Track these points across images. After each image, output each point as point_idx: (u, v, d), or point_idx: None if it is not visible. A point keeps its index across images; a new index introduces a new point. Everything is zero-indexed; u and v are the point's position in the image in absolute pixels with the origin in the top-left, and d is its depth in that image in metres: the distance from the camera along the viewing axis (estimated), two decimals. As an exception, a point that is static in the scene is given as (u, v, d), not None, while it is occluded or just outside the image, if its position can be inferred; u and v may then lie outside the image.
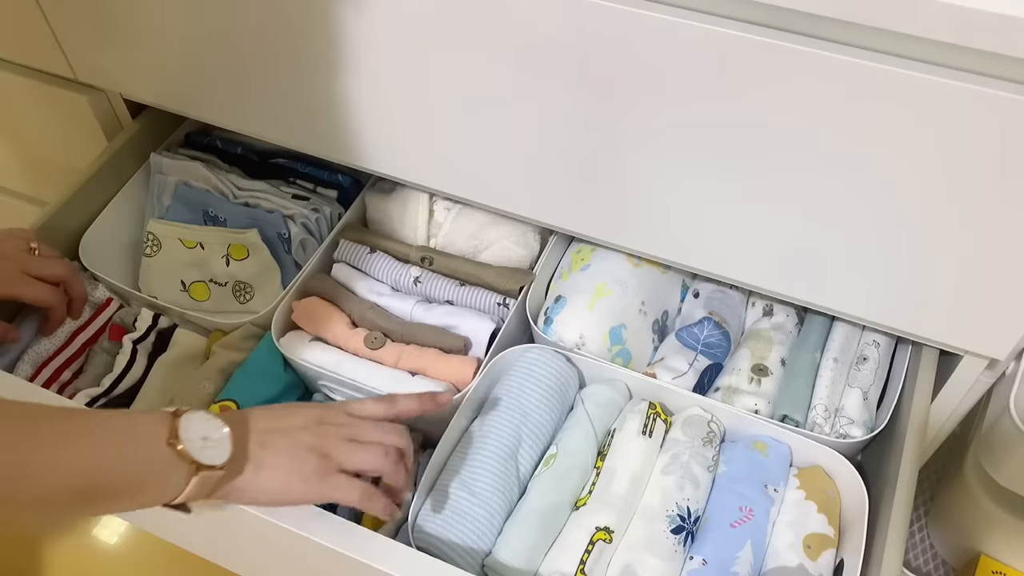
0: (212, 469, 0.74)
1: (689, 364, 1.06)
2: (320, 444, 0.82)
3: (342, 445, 0.83)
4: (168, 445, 0.73)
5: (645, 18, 0.79)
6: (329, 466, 0.81)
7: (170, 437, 0.74)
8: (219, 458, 0.75)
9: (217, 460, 0.75)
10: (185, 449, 0.73)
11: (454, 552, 0.89)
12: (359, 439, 0.84)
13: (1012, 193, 0.77)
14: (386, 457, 0.84)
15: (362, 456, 0.83)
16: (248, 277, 1.21)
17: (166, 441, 0.73)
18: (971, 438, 1.10)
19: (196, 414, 0.76)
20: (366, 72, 0.98)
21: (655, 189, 0.94)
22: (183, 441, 0.73)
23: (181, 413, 0.76)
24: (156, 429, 0.74)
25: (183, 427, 0.74)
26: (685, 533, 0.93)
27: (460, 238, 1.18)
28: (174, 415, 0.75)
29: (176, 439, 0.73)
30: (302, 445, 0.81)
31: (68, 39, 1.17)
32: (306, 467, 0.80)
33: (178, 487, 0.74)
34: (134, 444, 0.73)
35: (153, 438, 0.73)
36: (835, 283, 0.94)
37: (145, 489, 0.73)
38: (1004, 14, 0.66)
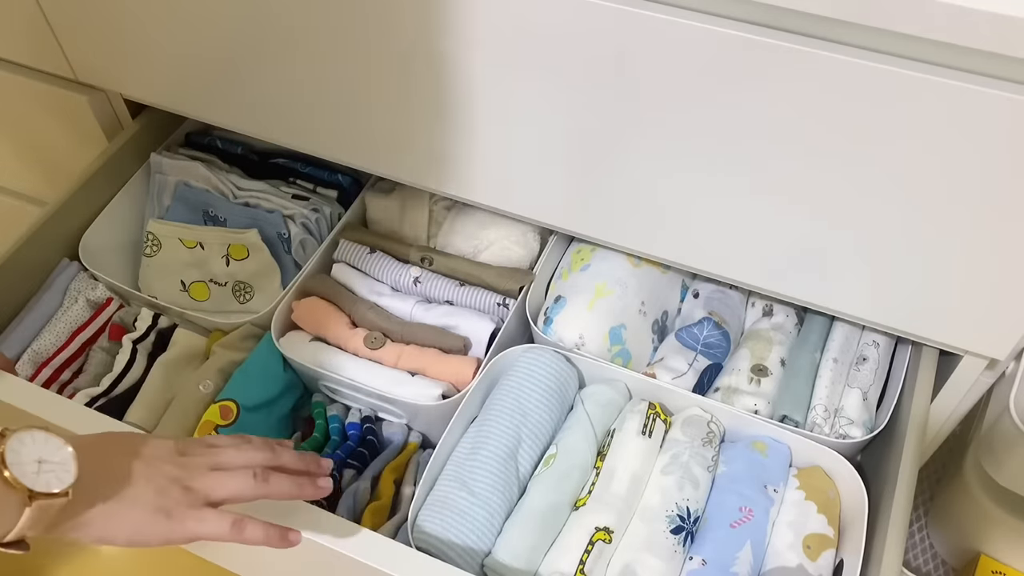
0: (50, 497, 0.63)
1: (689, 364, 1.06)
2: (183, 476, 0.72)
3: (204, 475, 0.73)
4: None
5: (645, 18, 0.79)
6: (195, 499, 0.72)
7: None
8: (60, 483, 0.64)
9: (57, 485, 0.63)
10: (13, 476, 0.62)
11: (454, 552, 0.89)
12: (223, 467, 0.75)
13: (1012, 193, 0.77)
14: (255, 479, 0.75)
15: (230, 484, 0.74)
16: (248, 277, 1.21)
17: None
18: (971, 438, 1.10)
19: (29, 433, 0.64)
20: (366, 72, 0.98)
21: (655, 189, 0.94)
22: (10, 466, 0.62)
23: (9, 433, 0.64)
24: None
25: (12, 449, 0.63)
26: (685, 533, 0.93)
27: (460, 238, 1.18)
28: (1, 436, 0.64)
29: (2, 464, 0.62)
30: (163, 477, 0.71)
31: (68, 39, 1.17)
32: (167, 501, 0.70)
33: (9, 522, 0.62)
34: None
35: None
36: (835, 283, 0.94)
37: None
38: (1004, 14, 0.66)
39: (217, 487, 0.73)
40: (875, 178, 0.82)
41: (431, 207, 1.20)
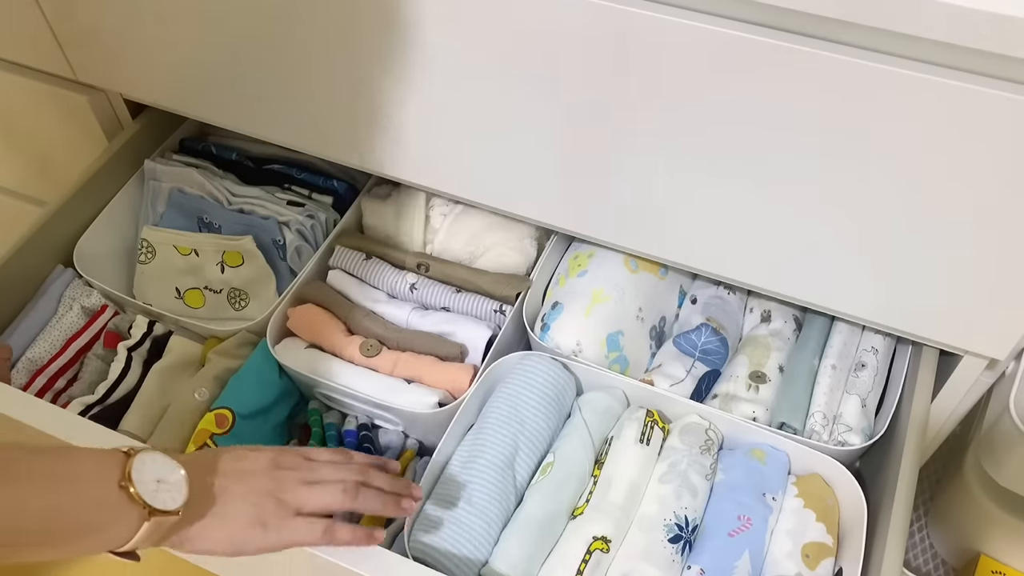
0: (166, 514, 0.69)
1: (687, 371, 1.06)
2: (277, 489, 0.78)
3: (298, 489, 0.80)
4: (120, 488, 0.68)
5: (645, 18, 0.78)
6: (287, 510, 0.78)
7: (122, 479, 0.68)
8: (174, 502, 0.70)
9: (172, 504, 0.70)
10: (138, 492, 0.68)
11: (451, 562, 0.89)
12: (315, 480, 0.81)
13: (1011, 193, 0.77)
14: (345, 494, 0.81)
15: (320, 497, 0.80)
16: (243, 284, 1.21)
17: (117, 483, 0.68)
18: (971, 438, 1.10)
19: (150, 454, 0.71)
20: (366, 71, 0.98)
21: (654, 189, 0.93)
22: (135, 484, 0.68)
23: (135, 453, 0.71)
24: (107, 470, 0.69)
25: (136, 468, 0.69)
26: (683, 542, 0.92)
27: (456, 244, 1.18)
28: (127, 454, 0.70)
29: (129, 481, 0.68)
30: (260, 491, 0.77)
31: (68, 39, 1.17)
32: (263, 514, 0.76)
33: (127, 533, 0.69)
34: (84, 486, 0.68)
35: (103, 480, 0.68)
36: (835, 283, 0.94)
37: (93, 534, 0.68)
38: (1004, 14, 0.66)
39: (309, 500, 0.79)
40: (874, 178, 0.81)
41: (427, 213, 1.19)
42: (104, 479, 0.68)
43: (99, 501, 0.67)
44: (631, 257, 1.12)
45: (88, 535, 0.68)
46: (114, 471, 0.69)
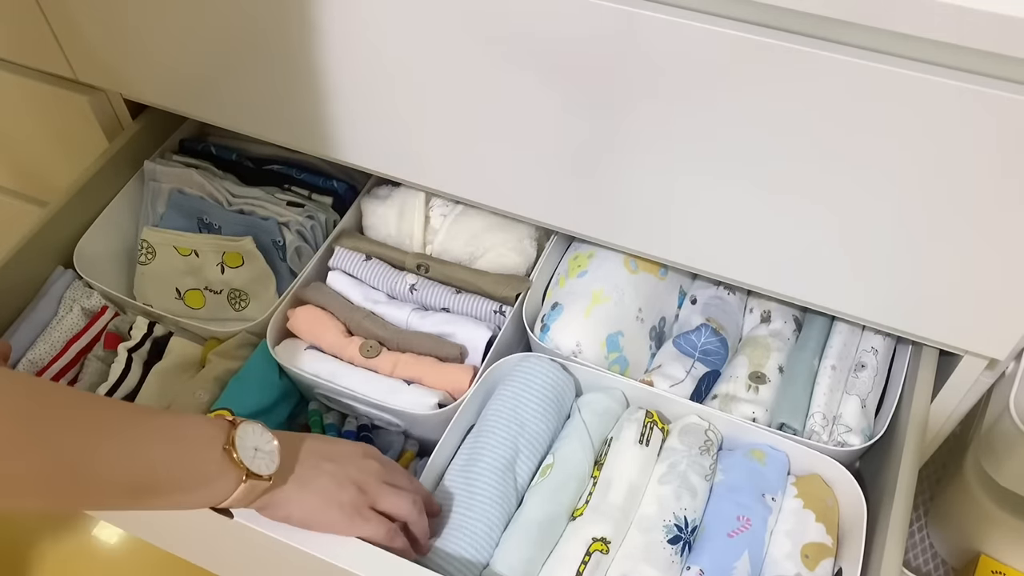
0: (260, 479, 0.78)
1: (686, 371, 1.06)
2: (361, 480, 0.85)
3: (381, 485, 0.86)
4: (223, 451, 0.77)
5: (646, 18, 0.78)
6: (365, 501, 0.84)
7: (226, 443, 0.77)
8: (267, 469, 0.79)
9: (266, 471, 0.79)
10: (239, 457, 0.77)
11: (451, 565, 0.89)
12: (395, 484, 0.88)
13: (1012, 193, 0.77)
14: (414, 506, 0.87)
15: (396, 500, 0.86)
16: (243, 285, 1.21)
17: (222, 447, 0.77)
18: (971, 438, 1.10)
19: (251, 425, 0.80)
20: (367, 71, 0.98)
21: (655, 189, 0.93)
22: (238, 449, 0.77)
23: (239, 423, 0.79)
24: (215, 434, 0.78)
25: (239, 435, 0.78)
26: (682, 543, 0.92)
27: (456, 244, 1.18)
28: (231, 423, 0.79)
29: (232, 446, 0.77)
30: (345, 476, 0.84)
31: (68, 39, 1.17)
32: (344, 497, 0.83)
33: (227, 491, 0.77)
34: (194, 445, 0.77)
35: (211, 442, 0.77)
36: (835, 283, 0.94)
37: (197, 489, 0.77)
38: (1004, 14, 0.66)
39: (386, 499, 0.86)
40: (874, 177, 0.81)
41: (427, 213, 1.19)
42: (212, 441, 0.77)
43: (206, 459, 0.76)
44: (631, 257, 1.12)
45: (193, 489, 0.76)
46: (220, 435, 0.78)
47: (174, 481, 0.75)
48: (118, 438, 0.72)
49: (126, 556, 1.56)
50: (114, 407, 0.75)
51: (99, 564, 1.55)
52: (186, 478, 0.76)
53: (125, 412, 0.75)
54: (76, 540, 1.58)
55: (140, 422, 0.74)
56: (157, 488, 0.74)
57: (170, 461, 0.74)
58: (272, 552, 0.86)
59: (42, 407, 0.69)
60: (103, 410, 0.74)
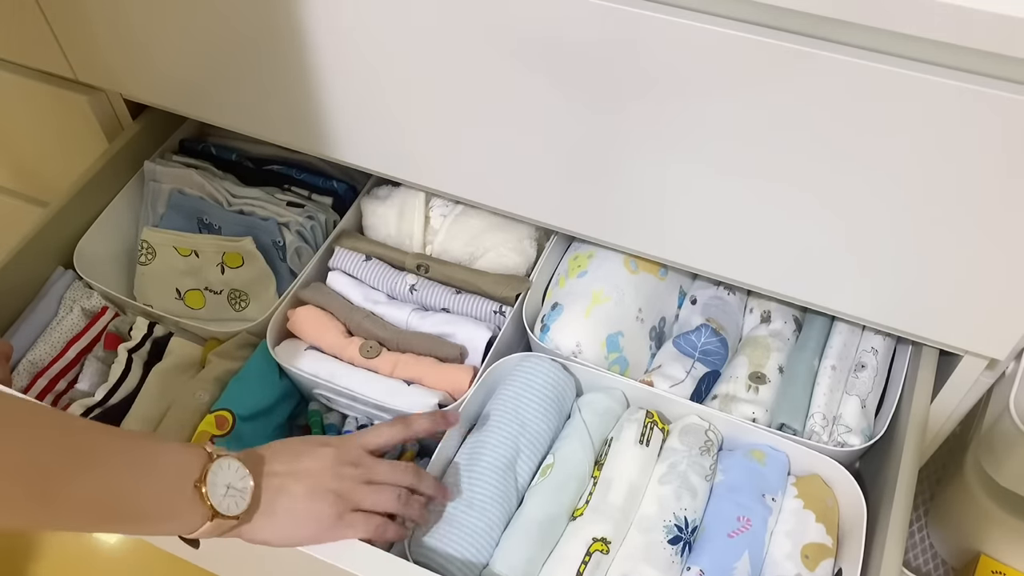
0: (227, 518, 0.77)
1: (686, 372, 1.06)
2: (337, 487, 0.84)
3: (358, 487, 0.85)
4: (195, 487, 0.76)
5: (646, 18, 0.78)
6: (344, 506, 0.84)
7: (199, 480, 0.76)
8: (236, 508, 0.78)
9: (234, 510, 0.78)
10: (207, 494, 0.76)
11: (452, 565, 0.89)
12: (374, 480, 0.87)
13: (1012, 193, 0.77)
14: (399, 499, 0.87)
15: (376, 498, 0.86)
16: (243, 285, 1.21)
17: (194, 483, 0.76)
18: (971, 438, 1.10)
19: (227, 461, 0.79)
20: (367, 71, 0.98)
21: (655, 189, 0.93)
22: (208, 485, 0.76)
23: (215, 457, 0.78)
24: (189, 468, 0.77)
25: (212, 471, 0.77)
26: (682, 543, 0.92)
27: (456, 245, 1.18)
28: (210, 457, 0.78)
29: (203, 482, 0.76)
30: (320, 488, 0.83)
31: (68, 39, 1.17)
32: (320, 508, 0.82)
33: (194, 526, 0.77)
34: (165, 478, 0.76)
35: (184, 476, 0.76)
36: (835, 283, 0.94)
37: (165, 521, 0.76)
38: (1004, 14, 0.66)
39: (366, 499, 0.85)
40: (875, 178, 0.81)
41: (427, 213, 1.19)
42: (183, 476, 0.76)
43: (176, 494, 0.76)
44: (631, 257, 1.12)
45: (160, 521, 0.76)
46: (193, 470, 0.77)
47: (142, 512, 0.74)
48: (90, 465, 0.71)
49: (126, 556, 1.56)
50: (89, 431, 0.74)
51: (99, 564, 1.55)
52: (154, 510, 0.75)
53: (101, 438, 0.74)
54: (76, 540, 1.58)
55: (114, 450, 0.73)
56: (124, 517, 0.74)
57: (140, 492, 0.74)
58: (272, 553, 0.85)
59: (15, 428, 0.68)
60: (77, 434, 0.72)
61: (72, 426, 0.73)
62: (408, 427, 0.92)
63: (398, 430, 0.92)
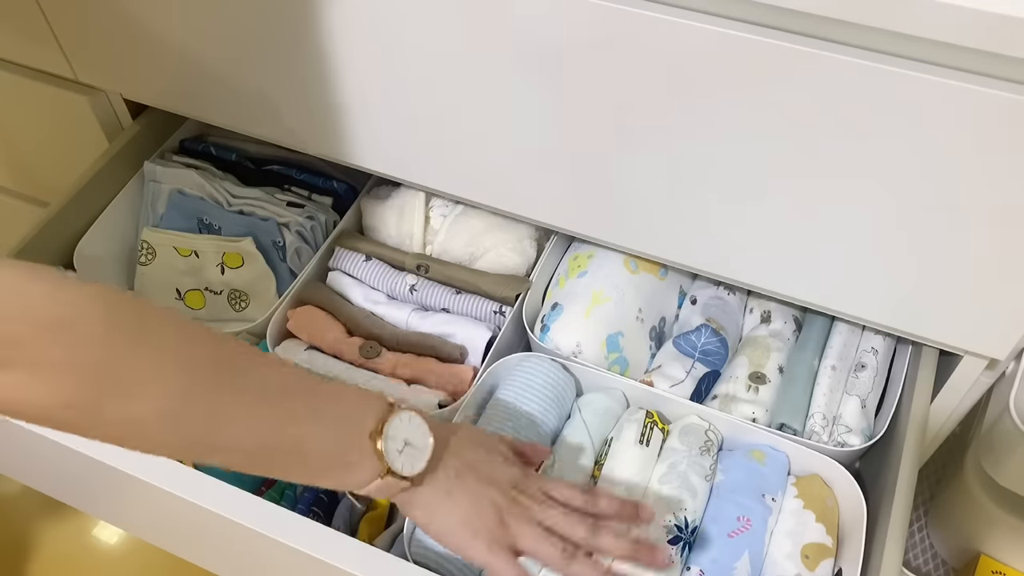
0: (400, 478, 0.73)
1: (686, 372, 1.06)
2: (507, 509, 0.77)
3: (525, 523, 0.77)
4: (369, 438, 0.72)
5: (645, 18, 0.78)
6: (503, 535, 0.77)
7: (375, 431, 0.72)
8: (411, 469, 0.73)
9: (408, 471, 0.73)
10: (383, 450, 0.71)
11: (452, 565, 0.89)
12: (544, 523, 0.78)
13: (1012, 193, 0.77)
14: (562, 554, 0.77)
15: (539, 545, 0.77)
16: (243, 285, 1.21)
17: (369, 434, 0.72)
18: (971, 438, 1.10)
19: (409, 415, 0.74)
20: (367, 71, 0.98)
21: (655, 188, 0.93)
22: (385, 439, 0.72)
23: (397, 410, 0.74)
24: (365, 417, 0.72)
25: (391, 424, 0.73)
26: (682, 544, 0.92)
27: (456, 245, 1.18)
28: (391, 408, 0.74)
29: (379, 435, 0.72)
30: (489, 499, 0.77)
31: (68, 39, 1.17)
32: (482, 523, 0.76)
33: (363, 481, 0.72)
34: (341, 425, 0.71)
35: (359, 425, 0.72)
36: (835, 283, 0.94)
37: (332, 470, 0.72)
38: (1004, 14, 0.66)
39: (525, 540, 0.77)
40: (875, 178, 0.81)
41: (427, 213, 1.19)
42: (360, 426, 0.72)
43: (349, 444, 0.71)
44: (631, 257, 1.12)
45: (331, 471, 0.71)
46: (371, 421, 0.72)
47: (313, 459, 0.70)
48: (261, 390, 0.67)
49: (126, 556, 1.56)
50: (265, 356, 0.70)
51: (99, 564, 1.55)
52: (326, 458, 0.71)
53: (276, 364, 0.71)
54: (76, 540, 1.58)
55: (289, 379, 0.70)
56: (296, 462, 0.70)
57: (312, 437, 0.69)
58: (272, 552, 0.86)
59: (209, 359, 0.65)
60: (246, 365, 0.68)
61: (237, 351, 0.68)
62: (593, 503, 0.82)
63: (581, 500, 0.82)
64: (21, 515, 1.61)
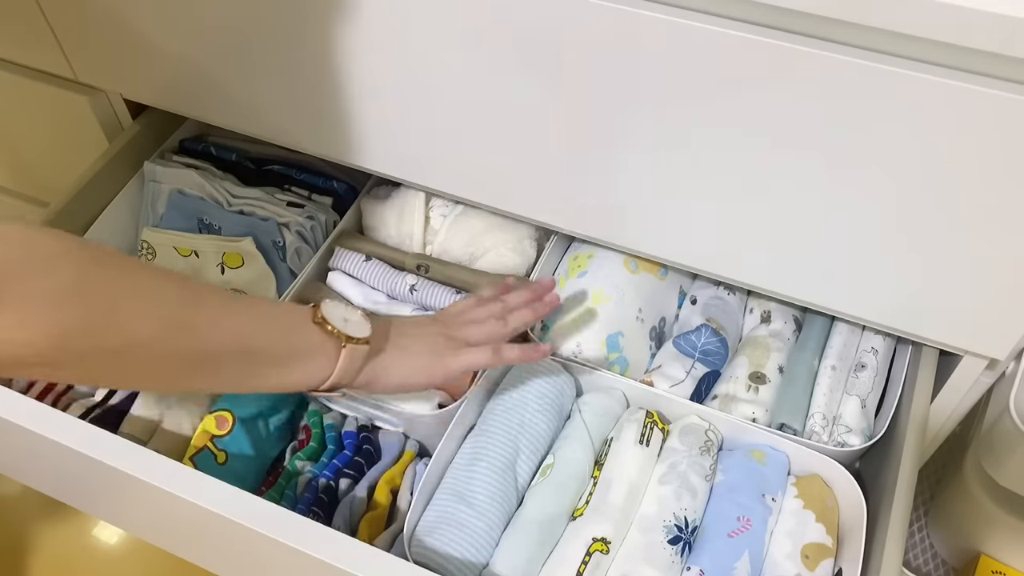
0: (358, 342, 0.80)
1: (686, 372, 1.06)
2: (445, 330, 0.91)
3: (463, 327, 0.92)
4: (315, 323, 0.80)
5: (645, 18, 0.78)
6: (457, 343, 0.89)
7: (315, 317, 0.80)
8: (363, 332, 0.82)
9: (362, 333, 0.81)
10: (333, 326, 0.79)
11: (452, 565, 0.89)
12: (475, 320, 0.93)
13: (1012, 193, 0.77)
14: (503, 324, 0.94)
15: (483, 330, 0.92)
16: (243, 285, 1.21)
17: (312, 320, 0.80)
18: (971, 438, 1.10)
19: (332, 303, 0.83)
20: (367, 71, 0.98)
21: (655, 188, 0.93)
22: (330, 320, 0.80)
23: (319, 301, 0.82)
24: (303, 312, 0.81)
25: (325, 308, 0.81)
26: (682, 543, 0.92)
27: (456, 245, 1.18)
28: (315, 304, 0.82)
29: (323, 319, 0.80)
30: (431, 333, 0.90)
31: (68, 39, 1.17)
32: (437, 346, 0.88)
33: (328, 365, 0.80)
34: (287, 320, 0.79)
35: (302, 317, 0.80)
36: (835, 283, 0.94)
37: (301, 361, 0.79)
38: (1004, 14, 0.66)
39: (472, 333, 0.92)
40: (875, 178, 0.81)
41: (427, 213, 1.19)
42: (301, 316, 0.80)
43: (299, 332, 0.79)
44: (631, 257, 1.12)
45: (290, 363, 0.78)
46: (307, 312, 0.80)
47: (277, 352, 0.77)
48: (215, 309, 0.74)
49: (126, 556, 1.56)
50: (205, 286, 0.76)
51: (99, 564, 1.55)
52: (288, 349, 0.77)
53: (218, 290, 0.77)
54: (76, 540, 1.58)
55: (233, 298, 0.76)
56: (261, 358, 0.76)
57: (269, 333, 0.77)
58: (272, 552, 0.85)
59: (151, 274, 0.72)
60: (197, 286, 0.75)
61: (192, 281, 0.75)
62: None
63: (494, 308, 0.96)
64: (21, 515, 1.61)
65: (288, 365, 0.78)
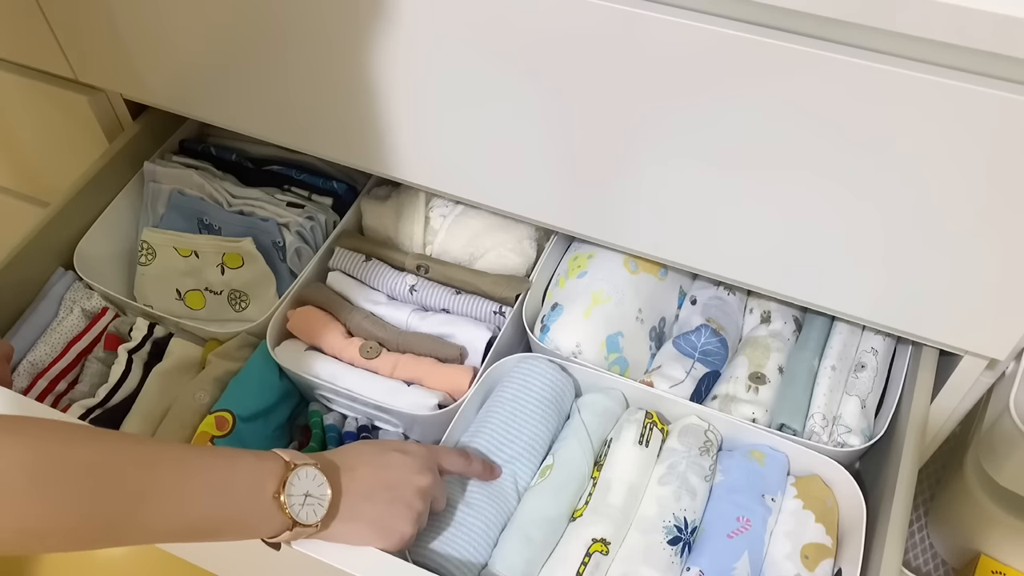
0: (306, 526, 0.79)
1: (686, 372, 1.06)
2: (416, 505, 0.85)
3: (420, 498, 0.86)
4: (273, 498, 0.78)
5: (645, 18, 0.78)
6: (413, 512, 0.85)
7: (276, 491, 0.78)
8: (315, 517, 0.79)
9: (313, 519, 0.79)
10: (286, 504, 0.78)
11: (451, 565, 0.89)
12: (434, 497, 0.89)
13: (1011, 193, 0.77)
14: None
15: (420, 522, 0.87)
16: (243, 285, 1.21)
17: (272, 494, 0.78)
18: (971, 438, 1.10)
19: (306, 470, 0.80)
20: (367, 71, 0.98)
21: (655, 189, 0.93)
22: (287, 496, 0.78)
23: (294, 467, 0.79)
24: (266, 479, 0.78)
25: (291, 482, 0.79)
26: (682, 544, 0.92)
27: (456, 245, 1.18)
28: (287, 466, 0.79)
29: (282, 492, 0.78)
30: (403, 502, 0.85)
31: (68, 39, 1.17)
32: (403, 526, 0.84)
33: (272, 533, 0.79)
34: (244, 495, 0.77)
35: (260, 489, 0.78)
36: (835, 283, 0.94)
37: (243, 531, 0.79)
38: (1004, 14, 0.66)
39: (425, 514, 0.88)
40: (875, 178, 0.81)
41: (427, 214, 1.19)
42: (261, 488, 0.78)
43: (254, 508, 0.77)
44: (631, 258, 1.12)
45: (243, 531, 0.79)
46: (271, 483, 0.78)
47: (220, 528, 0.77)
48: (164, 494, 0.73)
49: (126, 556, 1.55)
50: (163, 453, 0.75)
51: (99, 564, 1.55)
52: (233, 525, 0.77)
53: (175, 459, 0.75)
54: (76, 541, 1.58)
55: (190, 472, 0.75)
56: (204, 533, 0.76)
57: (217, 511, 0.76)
58: (272, 552, 0.85)
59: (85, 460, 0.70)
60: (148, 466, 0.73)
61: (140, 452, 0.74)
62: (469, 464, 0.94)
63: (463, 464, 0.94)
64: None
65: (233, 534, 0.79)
